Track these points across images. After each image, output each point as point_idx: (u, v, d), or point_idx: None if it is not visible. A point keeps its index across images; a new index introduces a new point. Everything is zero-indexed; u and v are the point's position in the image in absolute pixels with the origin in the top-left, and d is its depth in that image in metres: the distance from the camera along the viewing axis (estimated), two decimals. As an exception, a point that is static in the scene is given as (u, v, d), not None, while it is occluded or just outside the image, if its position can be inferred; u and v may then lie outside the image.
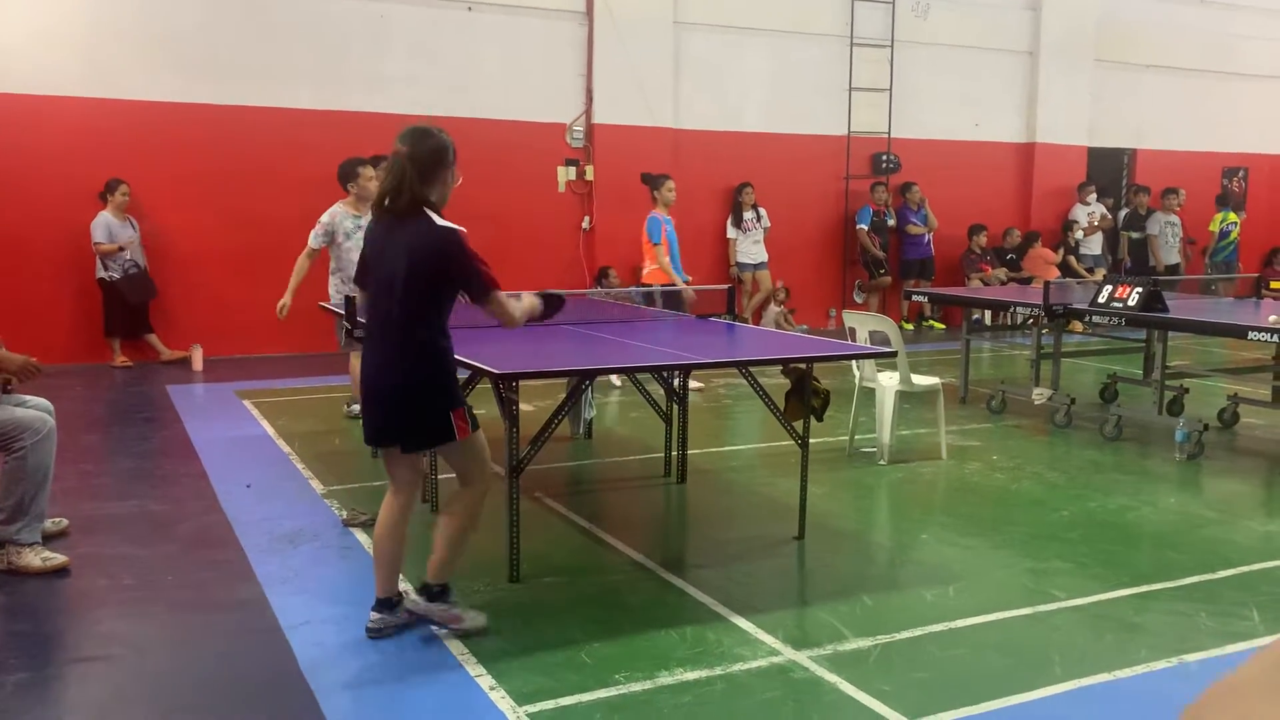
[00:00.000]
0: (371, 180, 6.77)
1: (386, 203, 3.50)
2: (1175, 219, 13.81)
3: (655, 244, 8.39)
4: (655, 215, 8.45)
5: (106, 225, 9.34)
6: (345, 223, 6.75)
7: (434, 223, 3.45)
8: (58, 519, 4.82)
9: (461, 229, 3.48)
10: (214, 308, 10.00)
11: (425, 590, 3.69)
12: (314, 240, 6.82)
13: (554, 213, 11.40)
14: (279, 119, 10.09)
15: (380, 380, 3.59)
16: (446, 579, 3.70)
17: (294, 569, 4.46)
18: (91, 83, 9.51)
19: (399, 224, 3.50)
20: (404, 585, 3.90)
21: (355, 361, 7.04)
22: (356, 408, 7.14)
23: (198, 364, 9.55)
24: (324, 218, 6.87)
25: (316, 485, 5.74)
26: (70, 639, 3.90)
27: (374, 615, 3.72)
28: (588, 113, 11.44)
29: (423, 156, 3.47)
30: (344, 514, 5.15)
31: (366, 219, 6.90)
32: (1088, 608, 4.12)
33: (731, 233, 12.06)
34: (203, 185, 9.92)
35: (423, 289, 3.47)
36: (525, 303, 3.76)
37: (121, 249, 9.34)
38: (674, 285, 8.34)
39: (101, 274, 9.42)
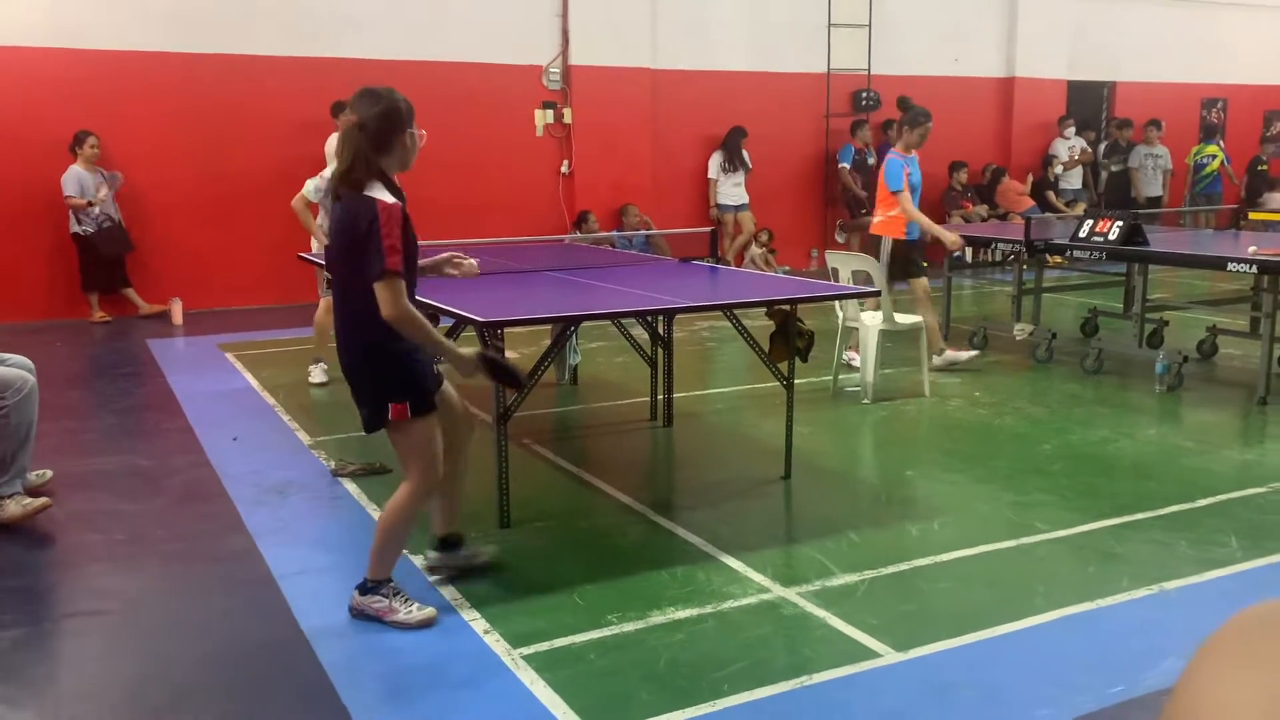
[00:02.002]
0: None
1: (343, 178, 3.27)
2: (1160, 150, 13.81)
3: (895, 191, 6.84)
4: (896, 157, 6.94)
5: (77, 178, 9.19)
6: None
7: (361, 194, 3.21)
8: (41, 471, 4.82)
9: (388, 200, 3.19)
10: (191, 260, 9.91)
11: (361, 586, 3.50)
12: (314, 196, 6.69)
13: (532, 157, 11.30)
14: (247, 66, 9.91)
15: (339, 355, 3.50)
16: (376, 575, 3.48)
17: (284, 520, 4.48)
18: (54, 33, 9.30)
19: (343, 204, 3.30)
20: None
21: (323, 314, 6.96)
22: (317, 368, 6.99)
23: (177, 317, 9.48)
24: (327, 173, 6.79)
25: (303, 436, 5.74)
26: (63, 594, 3.92)
27: (429, 553, 3.81)
28: (564, 54, 11.28)
29: (373, 123, 3.25)
30: (332, 464, 5.16)
31: None
32: (1070, 539, 4.19)
33: (713, 173, 12.00)
34: (173, 135, 9.77)
35: (351, 265, 3.26)
36: (449, 345, 3.38)
37: (91, 204, 9.21)
38: (928, 236, 7.04)
39: (75, 228, 9.29)
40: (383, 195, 3.22)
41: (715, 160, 11.99)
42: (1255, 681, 0.57)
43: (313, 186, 6.69)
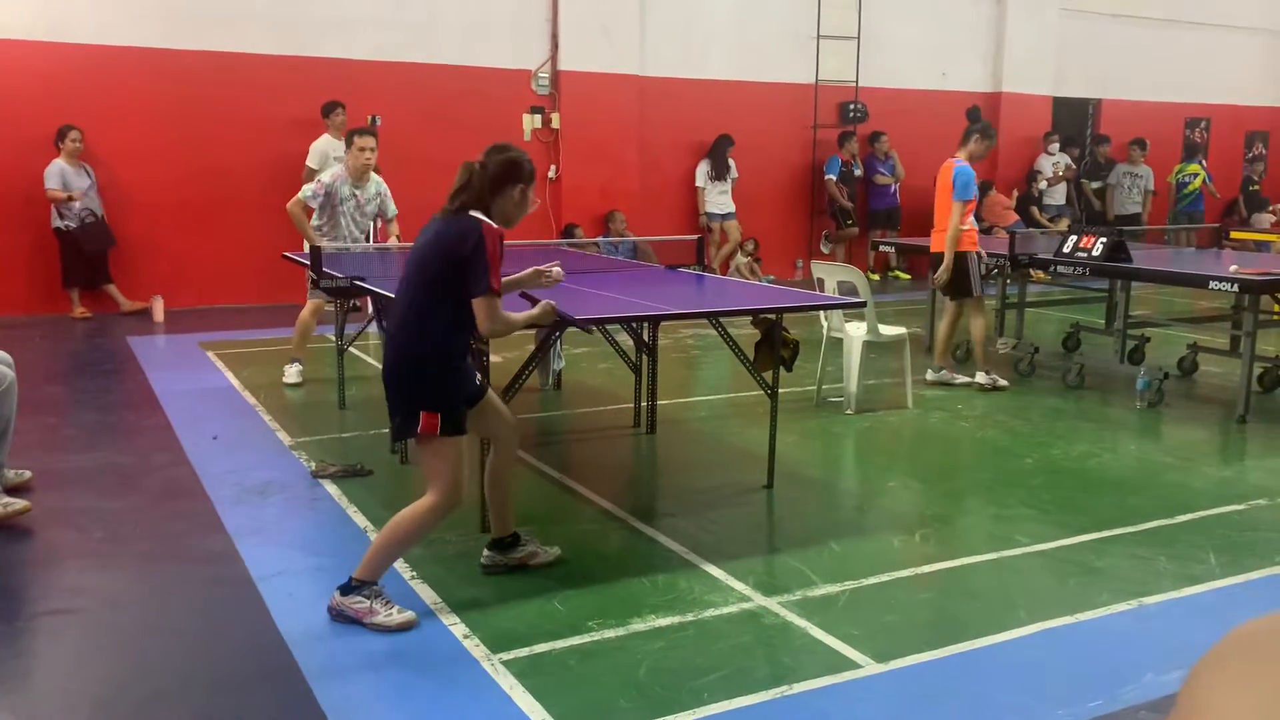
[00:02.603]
0: (364, 152, 6.58)
1: (452, 198, 3.51)
2: (1142, 170, 13.90)
3: (965, 200, 6.62)
4: (967, 165, 6.71)
5: (60, 173, 9.12)
6: (343, 188, 6.62)
7: (467, 214, 3.45)
8: (20, 470, 4.76)
9: (496, 226, 3.44)
10: (173, 257, 9.84)
11: (344, 585, 3.48)
12: (313, 201, 6.62)
13: (520, 162, 11.26)
14: (234, 64, 9.86)
15: (385, 359, 3.61)
16: (364, 576, 3.45)
17: (264, 520, 4.45)
18: (43, 26, 9.24)
19: (446, 219, 3.50)
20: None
21: (308, 315, 6.92)
22: (292, 369, 6.97)
23: (159, 315, 9.42)
24: (324, 177, 6.76)
25: (284, 437, 5.70)
26: (39, 591, 3.88)
27: (485, 552, 3.90)
28: (553, 59, 11.28)
29: (493, 166, 3.52)
30: (312, 465, 5.13)
31: (360, 192, 6.71)
32: (1051, 552, 4.20)
33: (700, 181, 12.01)
34: (157, 132, 9.71)
35: (435, 275, 3.43)
36: (528, 312, 3.69)
37: (71, 198, 9.13)
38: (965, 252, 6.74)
39: (58, 223, 9.22)
40: (487, 220, 3.45)
41: (702, 169, 12.01)
42: (1255, 694, 0.57)
43: (310, 191, 6.66)
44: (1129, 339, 7.49)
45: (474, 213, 3.46)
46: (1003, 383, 7.04)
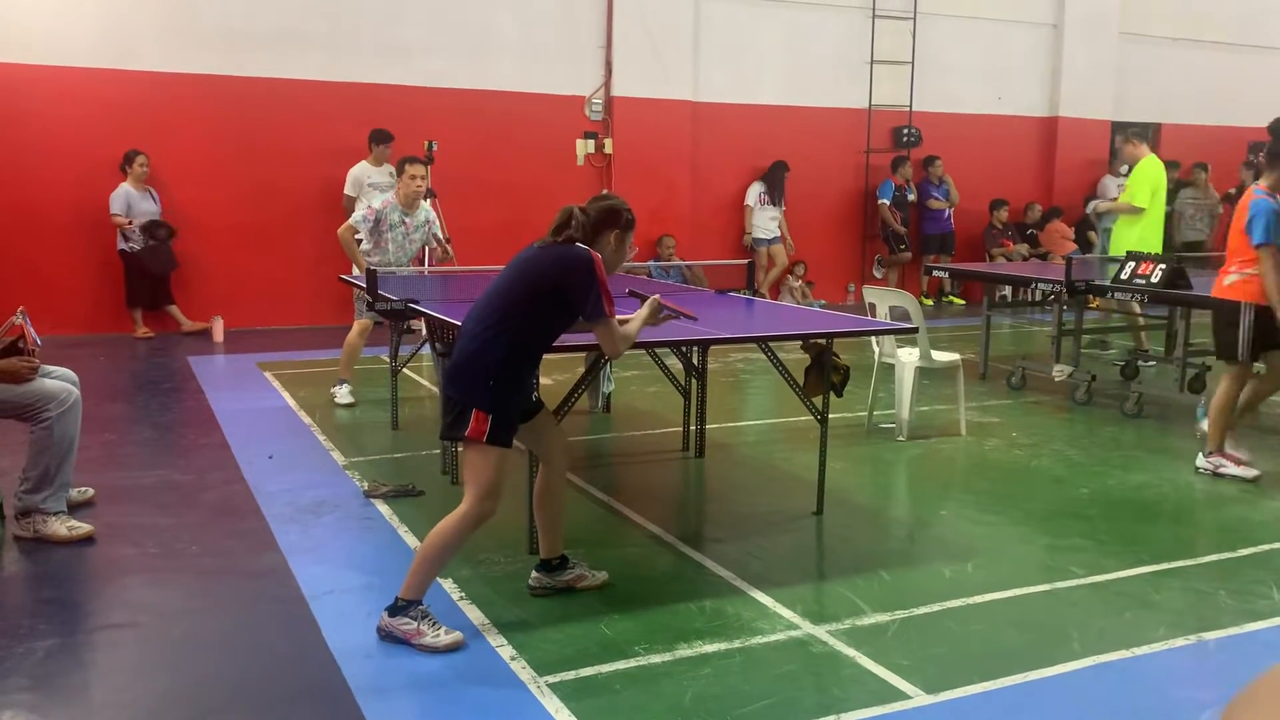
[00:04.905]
0: (414, 180, 6.69)
1: (558, 231, 3.61)
2: (1208, 195, 13.62)
3: (1264, 244, 5.29)
4: (1268, 198, 5.37)
5: (125, 197, 9.39)
6: (392, 215, 6.74)
7: (575, 245, 3.55)
8: (83, 488, 4.88)
9: (597, 255, 3.53)
10: (233, 279, 10.06)
11: (392, 606, 3.51)
12: (362, 225, 6.73)
13: (572, 187, 11.35)
14: (294, 90, 10.10)
15: (451, 358, 3.64)
16: (409, 595, 3.48)
17: (316, 539, 4.51)
18: (109, 54, 9.54)
19: (554, 245, 3.59)
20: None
21: (355, 336, 7.01)
22: (343, 389, 7.08)
23: (218, 335, 9.62)
24: (375, 203, 6.89)
25: (338, 457, 5.78)
26: (97, 606, 3.96)
27: (533, 574, 3.94)
28: (607, 85, 11.39)
29: (594, 211, 3.66)
30: (365, 485, 5.19)
31: (409, 219, 6.81)
32: (1106, 585, 4.12)
33: (751, 201, 12.00)
34: (220, 157, 9.96)
35: (530, 289, 3.50)
36: (639, 315, 3.80)
37: (132, 224, 9.38)
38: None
39: (122, 245, 9.49)
40: (594, 250, 3.57)
41: (755, 189, 12.01)
42: None
43: (360, 216, 6.78)
44: (1189, 367, 7.33)
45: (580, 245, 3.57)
46: (1241, 471, 5.62)
